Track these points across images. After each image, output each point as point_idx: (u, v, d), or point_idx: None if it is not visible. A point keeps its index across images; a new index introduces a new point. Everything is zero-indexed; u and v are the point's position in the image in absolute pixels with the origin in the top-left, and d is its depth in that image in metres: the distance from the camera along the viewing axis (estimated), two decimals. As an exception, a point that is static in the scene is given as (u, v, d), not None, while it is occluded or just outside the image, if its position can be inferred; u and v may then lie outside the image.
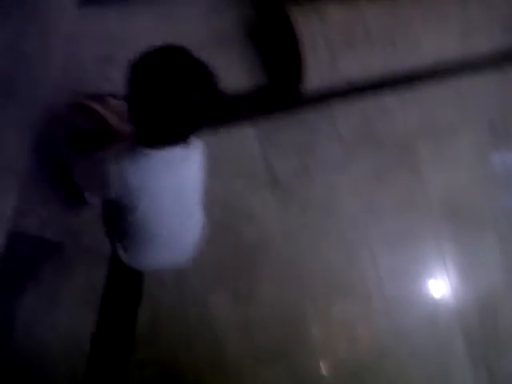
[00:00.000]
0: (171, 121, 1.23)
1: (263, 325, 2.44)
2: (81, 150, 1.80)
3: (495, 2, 2.88)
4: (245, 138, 2.48)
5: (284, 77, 2.51)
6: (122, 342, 2.20)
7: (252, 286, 2.44)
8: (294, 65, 2.39)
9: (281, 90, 2.52)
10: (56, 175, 2.05)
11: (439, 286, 2.93)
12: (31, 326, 2.02)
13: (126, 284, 2.20)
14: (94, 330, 2.14)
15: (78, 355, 2.12)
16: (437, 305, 2.92)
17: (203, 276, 2.33)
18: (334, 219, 2.66)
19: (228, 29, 2.37)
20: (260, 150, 2.49)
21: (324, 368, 2.55)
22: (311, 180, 2.61)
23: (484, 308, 3.04)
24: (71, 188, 2.02)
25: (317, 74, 2.41)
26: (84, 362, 2.13)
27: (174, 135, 1.29)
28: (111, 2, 2.08)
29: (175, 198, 1.45)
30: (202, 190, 1.59)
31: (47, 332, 2.04)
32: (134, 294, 2.20)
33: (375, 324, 2.71)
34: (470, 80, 3.09)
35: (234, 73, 2.46)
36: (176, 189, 1.44)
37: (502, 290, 3.10)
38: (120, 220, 1.49)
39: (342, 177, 2.69)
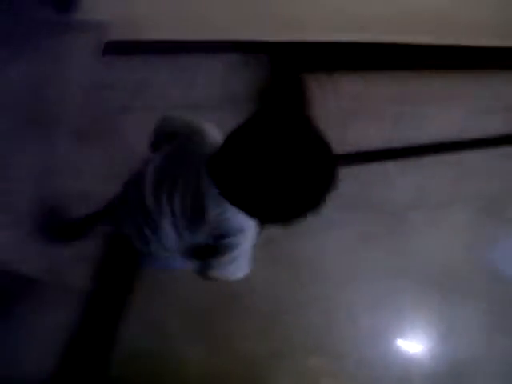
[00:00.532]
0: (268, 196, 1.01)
1: (235, 376, 2.48)
2: None
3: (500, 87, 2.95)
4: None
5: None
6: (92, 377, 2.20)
7: (228, 337, 2.48)
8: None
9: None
10: (43, 214, 2.05)
11: (414, 349, 3.00)
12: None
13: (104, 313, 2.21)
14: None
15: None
16: (410, 367, 2.97)
17: (181, 322, 2.38)
18: (318, 278, 2.70)
19: (241, 88, 2.40)
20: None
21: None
22: (300, 239, 2.63)
23: (457, 373, 3.09)
24: (56, 226, 2.03)
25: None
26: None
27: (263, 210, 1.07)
28: (132, 52, 2.11)
29: (191, 220, 1.30)
30: None
31: (10, 368, 1.98)
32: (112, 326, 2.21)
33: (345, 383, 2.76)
34: (472, 158, 3.17)
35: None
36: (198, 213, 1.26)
37: (477, 360, 3.17)
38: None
39: (332, 238, 2.73)
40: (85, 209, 1.93)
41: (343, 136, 2.49)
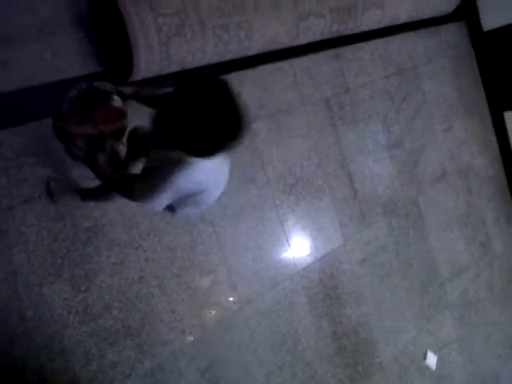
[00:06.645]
0: (214, 141, 1.56)
1: (106, 308, 2.51)
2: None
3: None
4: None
5: (116, 63, 2.51)
6: None
7: (90, 272, 2.49)
8: (124, 51, 2.39)
9: (114, 77, 2.51)
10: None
11: (280, 251, 3.17)
12: None
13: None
14: None
15: None
16: (278, 269, 3.15)
17: (36, 267, 2.36)
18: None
19: (58, 15, 2.29)
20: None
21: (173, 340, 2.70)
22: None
23: (323, 268, 3.35)
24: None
25: (150, 60, 2.42)
26: None
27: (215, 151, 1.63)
28: None
29: (218, 178, 1.99)
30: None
31: None
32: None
33: (221, 294, 2.88)
34: (305, 62, 3.35)
35: (66, 60, 2.45)
36: (219, 174, 1.98)
37: (338, 250, 3.45)
38: (188, 200, 1.96)
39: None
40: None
41: (167, 54, 2.45)
